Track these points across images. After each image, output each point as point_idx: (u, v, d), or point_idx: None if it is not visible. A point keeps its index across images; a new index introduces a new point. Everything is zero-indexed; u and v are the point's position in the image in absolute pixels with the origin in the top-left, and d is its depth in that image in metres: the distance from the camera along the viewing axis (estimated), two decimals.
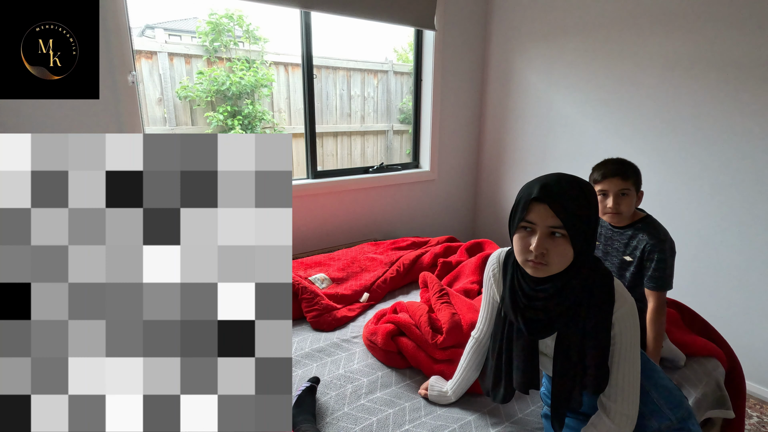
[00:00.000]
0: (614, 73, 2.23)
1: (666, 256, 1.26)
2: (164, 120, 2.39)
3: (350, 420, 1.09)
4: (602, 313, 0.86)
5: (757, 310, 1.89)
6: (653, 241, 1.26)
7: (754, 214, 1.85)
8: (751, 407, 1.89)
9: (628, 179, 1.28)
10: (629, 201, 1.29)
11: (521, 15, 2.62)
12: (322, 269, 1.90)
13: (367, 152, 3.12)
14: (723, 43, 1.84)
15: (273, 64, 2.69)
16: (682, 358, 1.35)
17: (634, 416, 0.89)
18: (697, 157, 1.99)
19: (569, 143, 2.50)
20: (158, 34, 2.75)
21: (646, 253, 1.28)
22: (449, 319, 1.33)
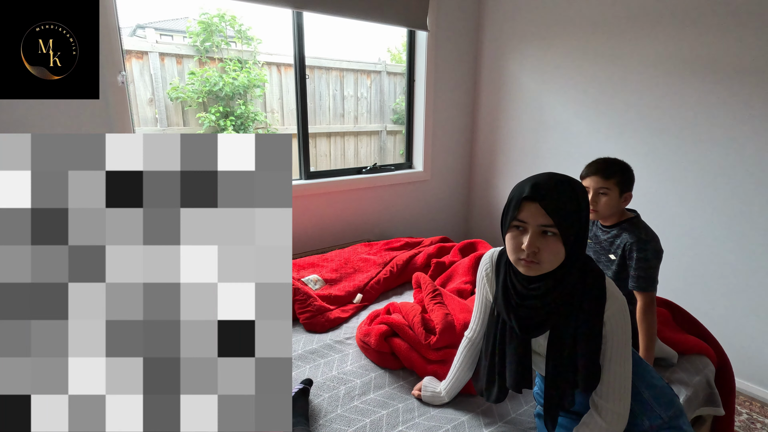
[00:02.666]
0: (605, 74, 2.25)
1: (648, 257, 1.25)
2: (155, 121, 2.37)
3: (343, 422, 1.08)
4: (594, 312, 0.86)
5: (746, 308, 1.91)
6: (633, 239, 1.27)
7: (744, 213, 1.88)
8: (741, 404, 1.91)
9: (609, 179, 1.28)
10: (608, 200, 1.29)
11: (513, 16, 2.63)
12: (315, 270, 1.89)
13: (360, 153, 3.11)
14: (712, 45, 1.86)
15: (265, 65, 2.68)
16: (675, 356, 1.36)
17: (625, 414, 0.89)
18: (687, 157, 2.01)
19: (560, 143, 2.51)
20: (149, 34, 2.72)
21: (627, 251, 1.28)
22: (442, 320, 1.33)
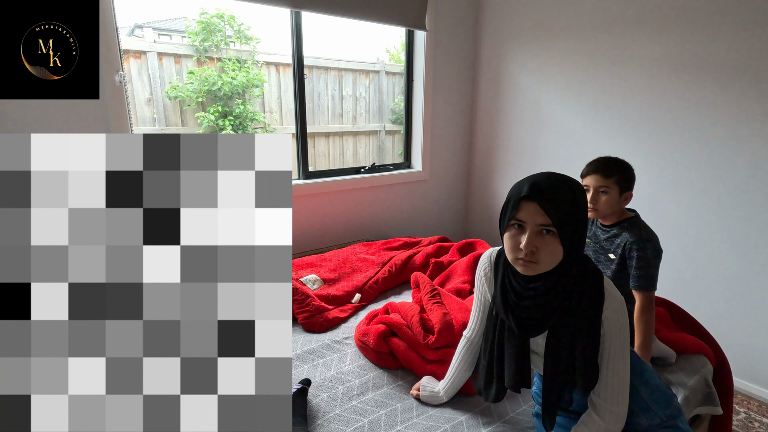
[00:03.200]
0: (603, 74, 2.25)
1: (647, 255, 1.25)
2: (154, 120, 2.36)
3: (342, 422, 1.08)
4: (592, 312, 0.86)
5: (744, 307, 1.92)
6: (633, 239, 1.27)
7: (742, 212, 1.88)
8: (739, 403, 1.91)
9: (609, 177, 1.28)
10: (608, 199, 1.29)
11: (512, 16, 2.63)
12: (313, 270, 1.89)
13: (359, 152, 3.11)
14: (711, 45, 1.87)
15: (264, 64, 2.67)
16: (673, 355, 1.36)
17: (623, 414, 0.89)
18: (685, 157, 2.02)
19: (559, 143, 2.52)
20: (147, 34, 2.72)
21: (626, 250, 1.29)
22: (441, 319, 1.33)
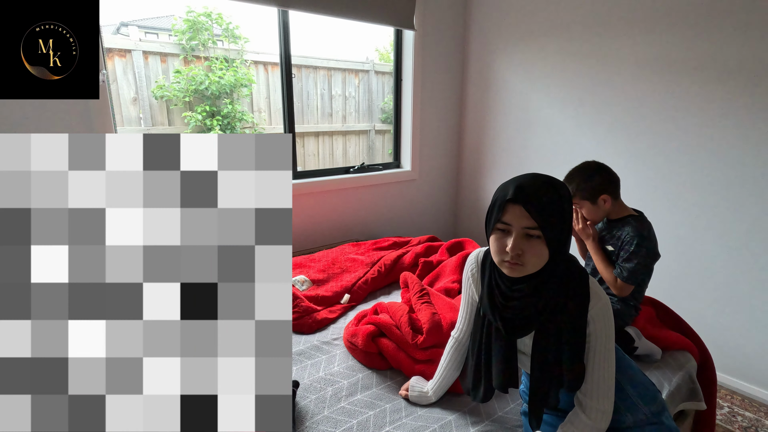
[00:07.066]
0: (591, 73, 2.27)
1: (640, 252, 1.30)
2: (139, 120, 2.33)
3: (330, 423, 1.08)
4: (578, 311, 0.87)
5: (727, 303, 1.95)
6: (635, 233, 1.32)
7: (726, 211, 1.91)
8: (722, 398, 1.95)
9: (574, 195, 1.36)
10: (586, 212, 1.40)
11: (500, 16, 2.65)
12: (302, 271, 1.88)
13: (348, 152, 3.10)
14: (698, 45, 1.89)
15: (253, 64, 2.65)
16: (658, 353, 1.38)
17: (609, 412, 0.90)
18: (672, 156, 2.04)
19: (547, 142, 2.54)
20: (132, 32, 2.68)
21: (623, 242, 1.34)
22: (429, 319, 1.33)
